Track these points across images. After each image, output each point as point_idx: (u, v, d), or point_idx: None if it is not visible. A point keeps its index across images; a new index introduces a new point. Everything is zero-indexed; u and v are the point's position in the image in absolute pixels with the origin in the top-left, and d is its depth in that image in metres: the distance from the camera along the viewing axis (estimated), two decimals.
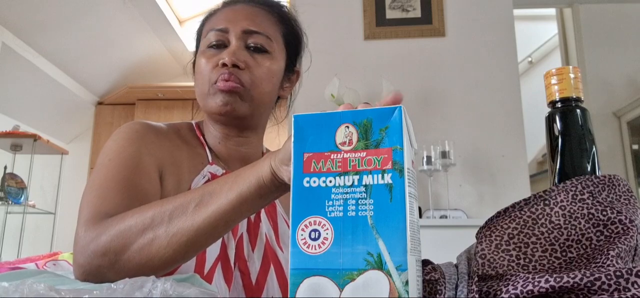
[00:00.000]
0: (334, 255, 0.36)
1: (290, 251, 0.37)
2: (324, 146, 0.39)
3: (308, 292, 0.35)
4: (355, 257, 0.35)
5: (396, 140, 0.37)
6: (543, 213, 0.50)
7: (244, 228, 0.82)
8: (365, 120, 0.38)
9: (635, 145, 3.35)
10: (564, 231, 0.49)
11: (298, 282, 0.36)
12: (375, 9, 2.74)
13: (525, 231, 0.50)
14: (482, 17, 2.72)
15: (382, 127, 0.38)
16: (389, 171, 0.37)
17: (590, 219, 0.49)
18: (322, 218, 0.37)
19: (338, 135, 0.38)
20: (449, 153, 2.33)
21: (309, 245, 0.37)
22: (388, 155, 0.37)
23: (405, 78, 2.63)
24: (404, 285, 0.34)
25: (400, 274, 0.34)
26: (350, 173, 0.37)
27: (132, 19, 3.98)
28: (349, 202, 0.37)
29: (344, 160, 0.38)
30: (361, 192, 0.37)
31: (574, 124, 0.55)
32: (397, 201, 0.36)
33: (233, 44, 0.83)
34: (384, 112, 0.38)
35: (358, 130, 0.38)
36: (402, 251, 0.35)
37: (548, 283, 0.41)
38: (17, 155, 3.86)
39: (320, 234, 0.36)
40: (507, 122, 2.58)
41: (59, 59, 4.03)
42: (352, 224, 0.36)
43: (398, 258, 0.34)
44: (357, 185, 0.37)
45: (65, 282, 0.47)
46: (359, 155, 0.37)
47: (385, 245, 0.35)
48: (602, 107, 3.40)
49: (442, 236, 2.16)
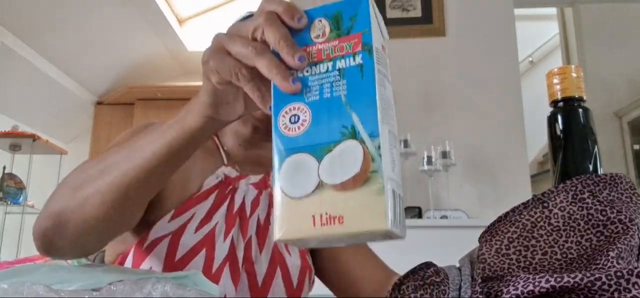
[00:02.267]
0: (312, 134, 0.39)
1: (273, 138, 0.40)
2: (300, 41, 0.42)
3: (290, 169, 0.38)
4: (331, 132, 0.38)
5: (364, 24, 0.40)
6: (542, 217, 0.50)
7: (253, 230, 0.82)
8: (336, 13, 0.41)
9: (636, 145, 3.35)
10: (563, 233, 0.49)
11: (281, 161, 0.39)
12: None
13: (524, 234, 0.50)
14: (483, 17, 2.71)
15: (352, 15, 0.41)
16: (359, 53, 0.40)
17: (589, 220, 0.49)
18: (300, 103, 0.40)
19: (312, 30, 0.42)
20: (449, 153, 2.33)
21: (289, 128, 0.40)
22: (358, 39, 0.40)
23: (405, 78, 2.63)
24: (376, 149, 0.37)
25: (372, 140, 0.37)
26: (325, 61, 0.41)
27: (131, 19, 3.98)
28: (324, 86, 0.40)
29: (318, 51, 0.41)
30: (335, 76, 0.40)
31: (575, 123, 0.55)
32: (367, 77, 0.39)
33: None
34: (352, 2, 0.41)
35: (330, 23, 0.41)
36: (373, 120, 0.37)
37: (548, 283, 0.42)
38: (16, 155, 3.85)
39: (299, 117, 0.40)
40: (507, 122, 2.58)
41: (59, 59, 4.02)
42: (327, 104, 0.39)
43: (370, 127, 0.37)
44: (331, 70, 0.40)
45: (64, 278, 0.46)
46: (332, 44, 0.41)
47: (358, 117, 0.38)
48: (603, 107, 3.40)
49: (443, 236, 2.16)
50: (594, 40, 3.49)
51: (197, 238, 0.75)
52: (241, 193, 0.83)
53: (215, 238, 0.76)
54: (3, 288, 0.40)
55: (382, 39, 0.43)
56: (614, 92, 3.42)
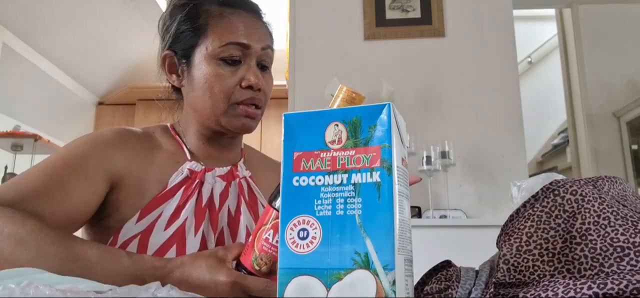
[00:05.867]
0: (322, 254, 0.36)
1: (279, 250, 0.37)
2: (313, 145, 0.38)
3: (296, 292, 0.35)
4: (343, 257, 0.35)
5: (385, 137, 0.37)
6: (555, 205, 0.49)
7: (224, 222, 0.83)
8: (355, 118, 0.38)
9: (635, 145, 3.35)
10: (578, 216, 0.48)
11: (286, 281, 0.36)
12: (375, 10, 2.75)
13: (542, 226, 0.49)
14: (482, 18, 2.72)
15: (371, 125, 0.37)
16: (377, 169, 0.36)
17: (603, 200, 0.48)
18: (311, 217, 0.37)
19: (327, 133, 0.38)
20: (448, 153, 2.34)
21: (297, 244, 0.37)
22: (376, 153, 0.37)
23: (405, 78, 2.64)
24: (391, 284, 0.33)
25: (387, 274, 0.34)
26: (340, 172, 0.37)
27: (132, 19, 3.98)
28: (337, 200, 0.37)
29: (333, 158, 0.38)
30: (350, 191, 0.36)
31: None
32: (385, 200, 0.35)
33: (254, 65, 0.85)
34: (373, 109, 0.38)
35: (347, 128, 0.38)
36: (389, 250, 0.34)
37: (591, 289, 0.40)
38: (18, 156, 3.86)
39: (309, 233, 0.36)
40: (506, 122, 2.59)
41: (60, 59, 4.03)
42: (340, 223, 0.36)
43: (385, 258, 0.34)
44: (346, 183, 0.37)
45: (67, 278, 0.47)
46: (348, 153, 0.37)
47: (372, 244, 0.35)
48: (602, 107, 3.41)
49: (442, 236, 2.17)
50: (593, 41, 3.50)
51: (167, 235, 0.76)
52: (208, 186, 0.84)
53: (186, 233, 0.77)
54: (10, 288, 0.41)
55: (403, 148, 0.40)
56: (612, 92, 3.43)
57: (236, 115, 0.84)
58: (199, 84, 0.85)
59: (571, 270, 0.46)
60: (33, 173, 0.72)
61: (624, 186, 0.53)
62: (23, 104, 4.08)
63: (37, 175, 0.71)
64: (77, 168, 0.74)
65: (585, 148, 3.36)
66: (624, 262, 0.43)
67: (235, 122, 0.85)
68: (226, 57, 0.83)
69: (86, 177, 0.74)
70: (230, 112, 0.84)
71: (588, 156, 3.33)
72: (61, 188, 0.71)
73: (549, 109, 4.26)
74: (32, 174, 0.72)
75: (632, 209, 0.48)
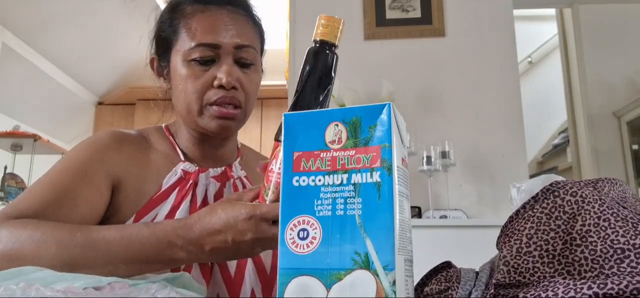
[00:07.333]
0: (322, 254, 0.36)
1: (279, 250, 0.37)
2: (313, 145, 0.38)
3: (296, 292, 0.35)
4: (343, 257, 0.35)
5: (385, 137, 0.37)
6: (555, 206, 0.49)
7: None
8: (354, 118, 0.38)
9: (635, 145, 3.35)
10: (579, 218, 0.48)
11: (286, 281, 0.36)
12: (375, 9, 2.75)
13: (542, 228, 0.49)
14: (482, 17, 2.72)
15: (371, 125, 0.37)
16: (377, 169, 0.36)
17: (603, 202, 0.48)
18: (311, 217, 0.37)
19: (327, 133, 0.38)
20: (448, 153, 2.34)
21: (297, 244, 0.37)
22: (376, 153, 0.37)
23: (405, 78, 2.64)
24: (391, 285, 0.33)
25: (387, 274, 0.34)
26: (340, 172, 0.37)
27: (132, 19, 3.98)
28: (337, 200, 0.36)
29: (333, 158, 0.38)
30: (350, 191, 0.36)
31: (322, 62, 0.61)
32: (385, 200, 0.35)
33: (228, 63, 0.81)
34: (373, 109, 0.38)
35: (347, 129, 0.38)
36: (389, 251, 0.34)
37: (591, 289, 0.40)
38: (17, 156, 3.86)
39: (309, 233, 0.36)
40: (507, 122, 2.59)
41: (59, 59, 4.03)
42: (340, 223, 0.36)
43: (385, 258, 0.34)
44: (345, 183, 0.37)
45: (67, 277, 0.47)
46: (348, 153, 0.37)
47: (372, 245, 0.35)
48: (602, 107, 3.40)
49: (442, 236, 2.17)
50: (593, 41, 3.50)
51: None
52: (202, 187, 0.84)
53: None
54: (11, 289, 0.41)
55: (403, 148, 0.40)
56: (612, 92, 3.43)
57: (210, 116, 0.81)
58: (176, 86, 0.84)
59: (571, 271, 0.46)
60: (39, 187, 0.73)
61: (624, 188, 0.53)
62: (23, 104, 4.08)
63: (43, 188, 0.72)
64: (81, 175, 0.75)
65: (585, 148, 3.36)
66: (624, 264, 0.43)
67: (210, 124, 0.82)
68: (197, 58, 0.81)
69: (91, 183, 0.75)
70: (205, 113, 0.82)
71: (588, 156, 3.33)
72: (69, 196, 0.72)
73: (549, 109, 4.26)
74: (38, 188, 0.73)
75: (632, 211, 0.48)
